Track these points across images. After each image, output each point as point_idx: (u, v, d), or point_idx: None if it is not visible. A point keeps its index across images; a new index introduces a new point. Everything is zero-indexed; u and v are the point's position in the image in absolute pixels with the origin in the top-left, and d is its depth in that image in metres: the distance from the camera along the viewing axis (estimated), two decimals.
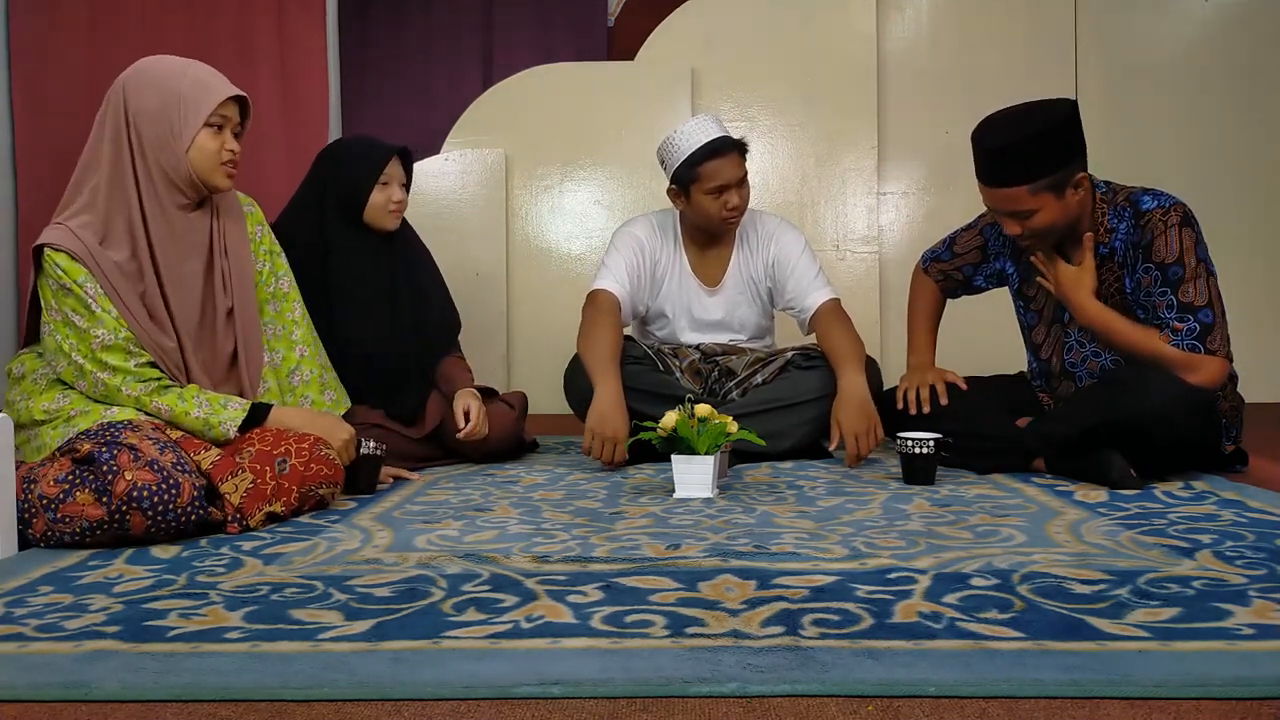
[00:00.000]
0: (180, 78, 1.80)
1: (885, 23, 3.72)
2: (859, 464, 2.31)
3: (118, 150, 1.79)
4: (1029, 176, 2.00)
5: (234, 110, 1.85)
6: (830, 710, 0.93)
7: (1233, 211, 3.63)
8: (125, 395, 1.75)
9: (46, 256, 1.74)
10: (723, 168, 2.44)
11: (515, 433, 2.52)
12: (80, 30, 2.70)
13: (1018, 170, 2.00)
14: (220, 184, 1.86)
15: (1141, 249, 2.05)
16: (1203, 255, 2.03)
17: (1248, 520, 1.66)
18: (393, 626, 1.15)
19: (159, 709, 0.96)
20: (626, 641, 1.09)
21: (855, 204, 3.70)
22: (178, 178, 1.81)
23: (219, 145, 1.82)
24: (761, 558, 1.45)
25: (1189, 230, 2.02)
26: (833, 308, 2.52)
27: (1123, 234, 2.08)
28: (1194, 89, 3.69)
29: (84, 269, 1.73)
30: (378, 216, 2.35)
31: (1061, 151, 2.00)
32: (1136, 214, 2.06)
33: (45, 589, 1.36)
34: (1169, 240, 2.02)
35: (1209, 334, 1.99)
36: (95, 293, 1.73)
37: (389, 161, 2.34)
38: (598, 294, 2.50)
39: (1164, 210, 2.04)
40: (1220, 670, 0.99)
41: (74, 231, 1.75)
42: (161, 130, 1.79)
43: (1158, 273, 2.03)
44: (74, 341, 1.74)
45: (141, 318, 1.78)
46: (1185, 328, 2.00)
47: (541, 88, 3.67)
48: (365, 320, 2.34)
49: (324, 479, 1.84)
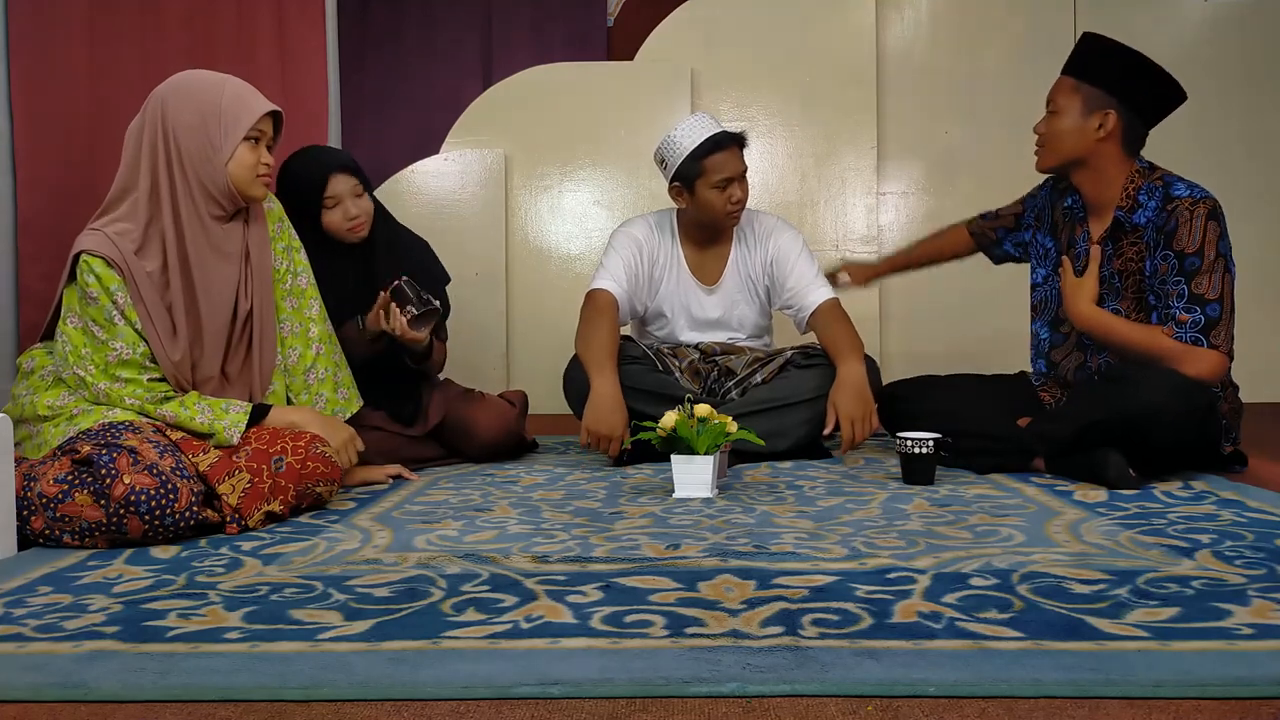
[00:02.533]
0: (219, 93, 1.83)
1: (885, 22, 3.72)
2: (853, 449, 2.33)
3: (155, 163, 1.82)
4: (1083, 73, 2.15)
5: (269, 124, 1.89)
6: (830, 710, 0.93)
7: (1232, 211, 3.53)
8: (129, 404, 1.77)
9: (83, 263, 1.75)
10: (726, 161, 2.45)
11: (516, 431, 2.51)
12: (80, 30, 2.70)
13: (1081, 63, 2.17)
14: (257, 195, 1.90)
15: (1165, 234, 2.06)
16: (1224, 250, 2.04)
17: (1247, 520, 1.66)
18: (392, 626, 1.16)
19: (158, 709, 0.96)
20: (626, 641, 1.09)
21: (855, 204, 3.70)
22: (216, 190, 1.84)
23: (256, 158, 1.86)
24: (761, 558, 1.45)
25: (1214, 224, 2.04)
26: (833, 306, 2.53)
27: (1150, 212, 2.10)
28: (1193, 89, 3.65)
29: (118, 276, 1.75)
30: (340, 235, 2.28)
31: (1120, 80, 2.11)
32: (1166, 197, 2.08)
33: (44, 589, 1.36)
34: (1193, 230, 2.03)
35: (1213, 328, 2.00)
36: (124, 302, 1.75)
37: (326, 184, 2.22)
38: (595, 294, 2.50)
39: (1193, 200, 2.05)
40: (1219, 670, 0.99)
41: (111, 238, 1.77)
42: (201, 144, 1.81)
43: (1175, 261, 2.04)
44: (87, 352, 1.76)
45: (163, 328, 1.80)
46: (1191, 319, 2.00)
47: (541, 88, 3.67)
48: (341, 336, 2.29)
49: (321, 477, 1.85)
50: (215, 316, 1.87)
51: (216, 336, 1.88)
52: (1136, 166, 2.15)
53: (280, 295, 2.03)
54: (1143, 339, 2.05)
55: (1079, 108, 2.14)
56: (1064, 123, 2.16)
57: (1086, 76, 2.15)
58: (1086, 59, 2.17)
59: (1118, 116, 2.12)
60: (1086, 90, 2.14)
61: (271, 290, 2.00)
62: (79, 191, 2.66)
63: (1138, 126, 2.15)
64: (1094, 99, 2.13)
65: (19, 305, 2.58)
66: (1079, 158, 2.17)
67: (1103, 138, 2.13)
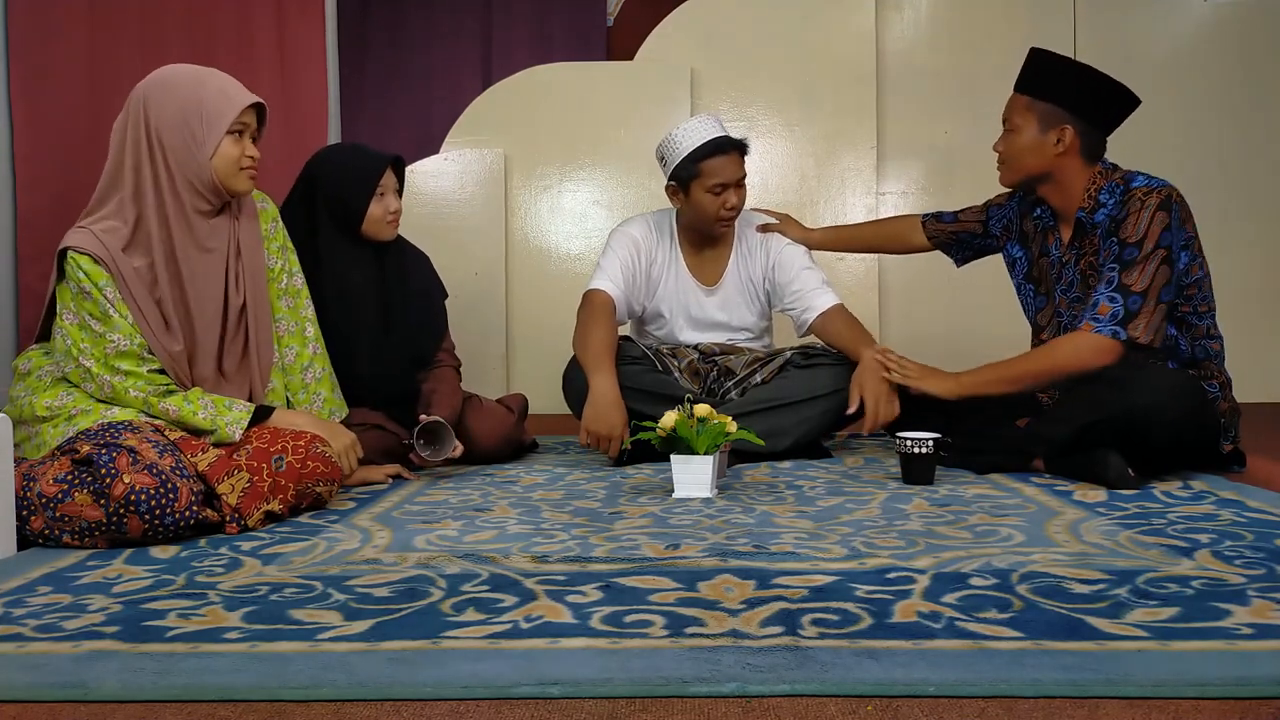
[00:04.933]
0: (201, 87, 1.84)
1: (884, 23, 3.72)
2: (875, 429, 2.32)
3: (139, 159, 1.82)
4: (1035, 89, 2.16)
5: (252, 117, 1.89)
6: (829, 710, 0.93)
7: (1231, 211, 3.62)
8: (132, 397, 1.77)
9: (70, 259, 1.75)
10: (724, 166, 2.44)
11: (514, 436, 2.51)
12: (79, 30, 2.70)
13: (1033, 78, 2.18)
14: (242, 188, 1.89)
15: (1116, 222, 2.08)
16: (1166, 243, 2.03)
17: (1246, 520, 1.66)
18: (392, 626, 1.15)
19: (158, 709, 0.96)
20: (625, 641, 1.09)
21: (854, 204, 3.70)
22: (201, 184, 1.84)
23: (240, 151, 1.86)
24: (761, 558, 1.45)
25: (1163, 214, 2.03)
26: (841, 309, 2.54)
27: (1109, 209, 2.11)
28: (1193, 89, 3.69)
29: (105, 273, 1.76)
30: (376, 229, 2.31)
31: (1073, 95, 2.11)
32: (1126, 190, 2.10)
33: (44, 589, 1.36)
34: (1139, 220, 2.04)
35: (1131, 320, 2.01)
36: (114, 297, 1.76)
37: (384, 173, 2.29)
38: (592, 294, 2.50)
39: (1147, 190, 2.07)
40: (1219, 670, 0.99)
41: (97, 235, 1.77)
42: (184, 139, 1.82)
43: (1116, 248, 2.06)
44: (86, 345, 1.76)
45: (155, 323, 1.80)
46: (1111, 311, 2.02)
47: (541, 87, 3.67)
48: (358, 336, 2.30)
49: (320, 476, 1.85)
50: (205, 311, 1.87)
51: (208, 332, 1.88)
52: (1099, 168, 2.16)
53: (276, 294, 2.04)
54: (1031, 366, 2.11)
55: (1035, 125, 2.16)
56: (1022, 140, 2.18)
57: (1039, 93, 2.16)
58: (1037, 76, 2.18)
59: (1074, 130, 2.13)
60: (1040, 107, 2.15)
61: (265, 286, 2.00)
62: (79, 191, 2.64)
63: (1095, 135, 2.16)
64: (1049, 115, 2.14)
65: (19, 305, 2.58)
66: (1041, 173, 2.19)
67: (1061, 152, 2.14)
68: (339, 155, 2.36)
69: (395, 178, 2.34)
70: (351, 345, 2.28)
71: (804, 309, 2.56)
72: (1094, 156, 2.17)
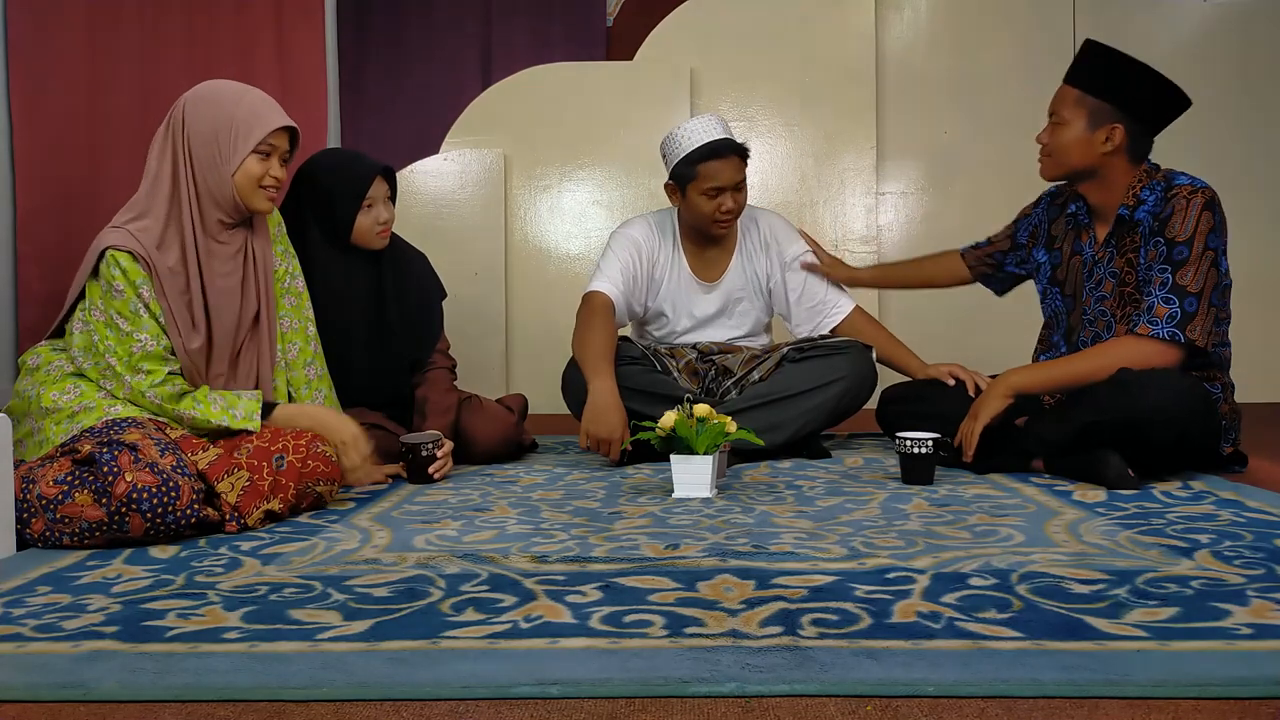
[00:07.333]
0: (236, 104, 1.88)
1: (884, 23, 3.72)
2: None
3: (174, 166, 1.88)
4: (1087, 85, 2.11)
5: (284, 139, 1.91)
6: (829, 710, 0.93)
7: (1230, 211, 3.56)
8: (148, 400, 1.80)
9: (109, 257, 1.79)
10: (721, 169, 2.44)
11: (514, 437, 2.51)
12: (79, 31, 2.69)
13: (1086, 73, 2.13)
14: (260, 207, 1.93)
15: (1160, 220, 2.06)
16: (1213, 245, 2.02)
17: (1246, 520, 1.66)
18: (391, 626, 1.15)
19: (157, 709, 0.96)
20: (625, 641, 1.09)
21: (854, 204, 3.70)
22: (221, 198, 1.88)
23: (263, 171, 1.89)
24: (760, 558, 1.45)
25: (1209, 214, 2.02)
26: (861, 311, 2.61)
27: (1150, 205, 2.10)
28: (1193, 89, 3.66)
29: (143, 270, 1.80)
30: (365, 239, 2.29)
31: (1127, 94, 2.09)
32: (1168, 187, 2.08)
33: (43, 589, 1.35)
34: (1186, 218, 2.02)
35: (1189, 322, 1.99)
36: (148, 296, 1.80)
37: (372, 183, 2.26)
38: (591, 295, 2.50)
39: (1192, 189, 2.05)
40: (1218, 670, 0.99)
41: (133, 234, 1.82)
42: (211, 152, 1.86)
43: (1165, 248, 2.04)
44: (112, 344, 1.79)
45: (183, 322, 1.85)
46: (1168, 312, 2.00)
47: (540, 88, 3.67)
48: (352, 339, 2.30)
49: (321, 475, 1.85)
50: (224, 318, 1.92)
51: (225, 336, 1.93)
52: (1144, 168, 2.15)
53: (280, 293, 2.07)
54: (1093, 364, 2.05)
55: (1084, 121, 2.11)
56: (1069, 135, 2.13)
57: (1091, 89, 2.11)
58: (1090, 70, 2.13)
59: (1124, 130, 2.10)
60: (1091, 103, 2.11)
61: (274, 294, 2.04)
62: (79, 191, 2.65)
63: (1143, 136, 2.13)
64: (1100, 113, 2.10)
65: (18, 305, 2.58)
66: (1085, 169, 2.15)
67: (1109, 151, 2.11)
68: (327, 163, 2.32)
69: (386, 185, 2.31)
70: (346, 348, 2.28)
71: (823, 315, 2.61)
72: (1140, 156, 2.14)
